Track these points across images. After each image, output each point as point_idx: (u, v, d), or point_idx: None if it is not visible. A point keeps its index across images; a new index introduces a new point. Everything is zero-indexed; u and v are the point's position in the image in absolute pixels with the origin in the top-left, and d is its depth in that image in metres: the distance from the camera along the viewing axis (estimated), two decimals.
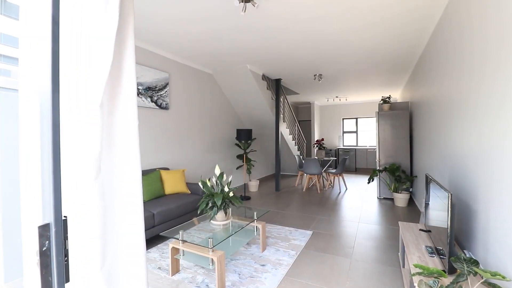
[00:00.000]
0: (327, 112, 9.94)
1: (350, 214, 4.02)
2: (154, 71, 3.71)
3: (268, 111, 5.59)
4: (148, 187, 3.25)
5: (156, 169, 3.62)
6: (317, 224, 3.56)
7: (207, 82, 4.92)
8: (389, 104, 5.11)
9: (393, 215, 3.94)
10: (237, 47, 3.71)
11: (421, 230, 2.32)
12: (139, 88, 3.49)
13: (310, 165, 5.60)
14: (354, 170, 8.91)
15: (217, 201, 2.25)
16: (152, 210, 2.90)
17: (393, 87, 6.75)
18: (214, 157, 5.08)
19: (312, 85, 6.45)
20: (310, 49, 3.81)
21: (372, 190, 5.73)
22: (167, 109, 3.94)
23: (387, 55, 4.12)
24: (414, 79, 4.65)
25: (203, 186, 2.44)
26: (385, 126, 4.92)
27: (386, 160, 4.90)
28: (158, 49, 3.74)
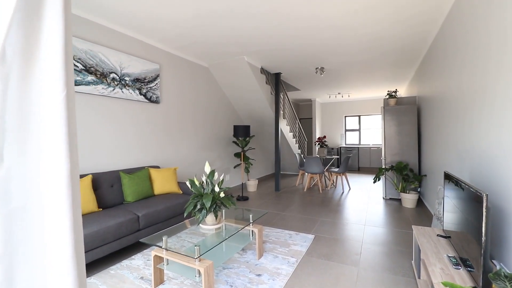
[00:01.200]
0: (328, 109, 9.65)
1: (355, 216, 3.73)
2: (143, 61, 3.43)
3: (267, 107, 5.30)
4: (134, 187, 2.97)
5: (145, 167, 3.34)
6: (319, 227, 3.27)
7: (202, 76, 4.63)
8: (395, 98, 4.82)
9: (401, 217, 3.65)
10: (233, 35, 3.43)
11: (439, 236, 2.03)
12: (126, 79, 3.21)
13: (311, 164, 5.32)
14: (357, 169, 8.61)
15: (206, 203, 1.97)
16: (137, 212, 2.62)
17: (398, 82, 6.45)
18: (209, 155, 4.80)
19: (313, 80, 6.16)
20: (311, 37, 3.52)
21: (377, 190, 5.44)
22: (157, 103, 3.66)
23: (393, 44, 3.82)
24: (422, 72, 4.36)
25: (191, 186, 2.16)
26: (391, 122, 4.63)
27: (392, 158, 4.61)
28: (147, 37, 3.46)
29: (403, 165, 4.27)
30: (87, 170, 2.82)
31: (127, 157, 3.25)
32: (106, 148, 3.02)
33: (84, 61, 2.77)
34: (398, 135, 4.58)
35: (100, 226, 2.25)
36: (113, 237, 2.33)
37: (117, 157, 3.14)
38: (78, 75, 2.72)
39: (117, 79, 3.10)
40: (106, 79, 2.99)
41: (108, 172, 2.94)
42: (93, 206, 2.55)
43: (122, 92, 3.16)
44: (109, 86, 3.02)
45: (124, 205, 2.83)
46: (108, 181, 2.89)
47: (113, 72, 3.06)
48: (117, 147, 3.14)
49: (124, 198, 2.95)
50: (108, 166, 3.04)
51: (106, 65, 2.99)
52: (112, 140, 3.09)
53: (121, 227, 2.40)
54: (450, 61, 2.71)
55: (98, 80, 2.90)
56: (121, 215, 2.47)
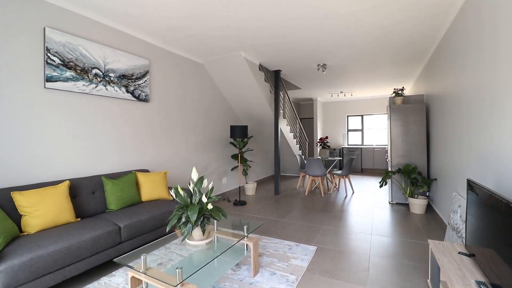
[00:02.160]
0: (330, 109, 9.36)
1: (360, 223, 3.45)
2: (130, 56, 3.16)
3: (266, 106, 5.03)
4: (119, 194, 2.70)
5: (132, 171, 3.07)
6: (321, 236, 3.00)
7: (197, 73, 4.36)
8: (402, 97, 4.53)
9: (410, 225, 3.37)
10: (228, 26, 3.16)
11: (461, 254, 1.76)
12: (111, 76, 2.94)
13: (312, 166, 5.04)
14: (360, 170, 8.33)
15: (191, 216, 1.70)
16: (118, 222, 2.35)
17: (402, 81, 6.17)
18: (205, 157, 4.53)
19: (315, 78, 5.88)
20: (313, 29, 3.24)
21: (382, 194, 5.16)
22: (147, 102, 3.39)
23: (402, 38, 3.54)
24: (432, 68, 4.07)
25: (175, 195, 1.89)
26: (398, 122, 4.35)
27: (399, 160, 4.33)
28: (134, 30, 3.20)
29: (411, 167, 3.99)
30: (64, 175, 2.55)
31: (112, 161, 2.99)
32: (88, 151, 2.75)
33: (62, 55, 2.51)
34: (405, 135, 4.30)
35: (74, 240, 1.98)
36: (89, 252, 2.06)
37: (100, 161, 2.87)
38: (54, 71, 2.45)
39: (101, 75, 2.84)
40: (88, 75, 2.72)
41: (90, 177, 2.67)
42: (70, 216, 2.29)
43: (106, 89, 2.89)
44: (91, 83, 2.75)
45: (106, 214, 2.56)
46: (89, 187, 2.63)
47: (95, 67, 2.79)
48: (101, 150, 2.87)
49: (106, 206, 2.68)
50: (90, 170, 2.77)
51: (88, 60, 2.72)
52: (96, 142, 2.82)
53: (99, 240, 2.13)
54: (467, 55, 2.43)
55: (78, 76, 2.64)
56: (100, 227, 2.20)
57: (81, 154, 2.69)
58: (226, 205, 4.42)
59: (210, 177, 4.65)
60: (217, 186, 4.86)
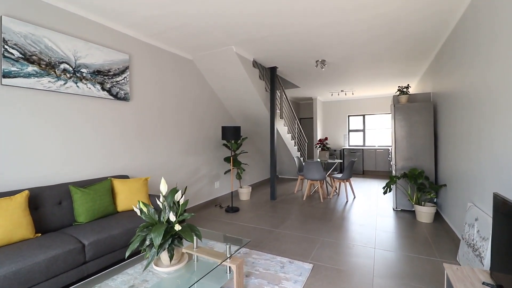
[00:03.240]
0: (331, 108, 9.02)
1: (362, 234, 3.13)
2: (107, 50, 2.85)
3: (261, 105, 4.71)
4: (89, 204, 2.40)
5: (108, 178, 2.77)
6: (319, 251, 2.68)
7: (186, 70, 4.05)
8: (407, 95, 4.20)
9: (417, 236, 3.04)
10: (214, 14, 2.84)
11: (486, 285, 1.43)
12: (83, 72, 2.64)
13: (311, 169, 4.71)
14: (361, 173, 7.99)
15: (155, 239, 1.38)
16: (83, 239, 2.04)
17: (407, 78, 5.83)
18: (195, 160, 4.22)
19: (313, 76, 5.55)
20: (311, 17, 2.92)
21: (386, 199, 4.83)
22: (126, 100, 3.08)
23: (408, 30, 3.22)
24: (440, 63, 3.74)
25: (140, 212, 1.58)
26: (403, 122, 4.02)
27: (404, 164, 4.00)
28: (111, 21, 2.89)
29: (417, 172, 3.66)
30: (25, 184, 2.25)
31: (85, 166, 2.68)
32: (55, 156, 2.44)
33: (23, 47, 2.21)
34: (411, 137, 3.97)
35: (24, 263, 1.67)
36: (44, 276, 1.76)
37: (71, 167, 2.56)
38: (13, 65, 2.15)
39: (70, 71, 2.53)
40: (55, 70, 2.42)
41: (56, 186, 2.37)
42: (27, 232, 1.98)
43: (77, 86, 2.59)
44: (59, 79, 2.45)
45: (72, 227, 2.25)
46: (55, 197, 2.32)
47: (64, 62, 2.48)
48: (71, 155, 2.56)
49: (75, 218, 2.38)
50: (57, 177, 2.47)
51: (55, 53, 2.42)
52: (65, 146, 2.52)
53: (57, 261, 1.82)
54: (483, 49, 2.10)
55: (42, 71, 2.33)
56: (59, 245, 1.89)
57: (46, 159, 2.39)
58: (217, 212, 4.11)
59: (200, 182, 4.34)
60: (209, 190, 4.55)
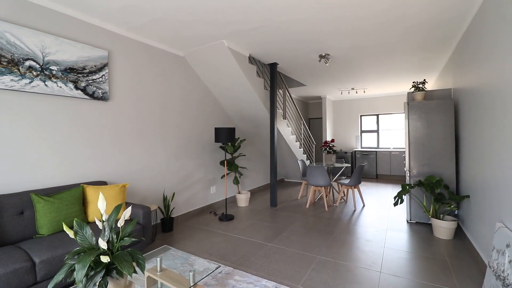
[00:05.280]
0: (342, 107, 8.51)
1: (368, 253, 2.71)
2: (81, 46, 2.63)
3: (260, 105, 4.37)
4: (53, 214, 2.16)
5: (80, 185, 2.54)
6: (313, 273, 2.30)
7: (178, 67, 3.79)
8: (423, 92, 3.71)
9: (434, 257, 2.58)
10: (197, 5, 2.54)
11: None
12: (52, 69, 2.42)
13: (314, 174, 4.31)
14: (374, 177, 7.44)
15: (77, 272, 1.09)
16: (34, 256, 1.80)
17: (425, 73, 5.28)
18: (187, 164, 3.94)
19: (320, 73, 5.14)
20: (305, 1, 2.55)
21: (399, 209, 4.34)
22: (105, 100, 2.85)
23: (421, 16, 2.77)
24: (462, 55, 3.24)
25: (75, 234, 1.29)
26: (419, 123, 3.54)
27: (420, 170, 3.52)
28: (85, 14, 2.66)
29: (435, 180, 3.18)
30: None
31: (54, 172, 2.45)
32: (18, 161, 2.23)
33: None
34: (428, 139, 3.48)
35: None
36: None
37: (38, 173, 2.35)
38: None
39: (37, 69, 2.32)
40: (19, 68, 2.20)
41: (18, 194, 2.15)
42: None
43: (45, 85, 2.37)
44: (23, 78, 2.23)
45: (32, 240, 2.02)
46: (16, 207, 2.10)
47: (30, 58, 2.27)
48: (39, 160, 2.35)
49: (36, 230, 2.15)
50: (21, 185, 2.25)
51: (18, 50, 2.20)
52: (31, 150, 2.30)
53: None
54: None
55: (4, 69, 2.12)
56: (2, 263, 1.65)
57: (7, 165, 2.18)
58: (210, 220, 3.81)
59: (194, 187, 4.06)
60: (204, 196, 4.27)
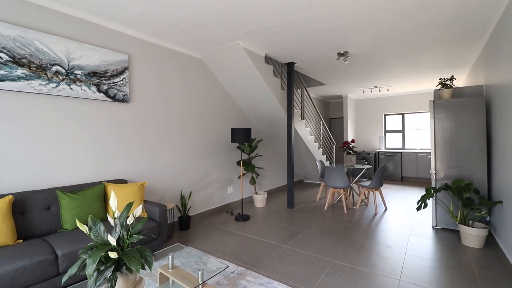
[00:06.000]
0: (364, 107, 8.20)
1: (387, 259, 2.58)
2: (103, 51, 2.77)
3: (277, 105, 4.33)
4: (77, 210, 2.30)
5: (102, 183, 2.67)
6: (327, 278, 2.23)
7: (196, 69, 3.87)
8: (451, 89, 3.47)
9: (461, 267, 2.40)
10: (210, 3, 2.57)
11: None
12: (77, 73, 2.57)
13: (333, 176, 4.19)
14: (399, 179, 7.08)
15: (87, 267, 1.14)
16: (58, 248, 1.92)
17: (454, 69, 4.93)
18: (205, 164, 4.01)
19: (339, 71, 4.99)
20: (324, 4, 2.49)
21: (424, 214, 4.10)
22: (125, 102, 2.98)
23: (450, 9, 2.58)
24: (498, 45, 2.98)
25: (89, 230, 1.36)
26: (446, 122, 3.31)
27: (447, 172, 3.29)
28: (107, 20, 2.79)
29: (463, 183, 2.96)
30: (14, 187, 2.21)
31: (78, 171, 2.61)
32: (47, 160, 2.40)
33: (12, 50, 2.18)
34: (456, 139, 3.24)
35: None
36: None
37: (63, 171, 2.51)
38: (2, 69, 2.13)
39: (63, 73, 2.48)
40: (46, 73, 2.37)
41: (45, 191, 2.31)
42: (5, 238, 1.92)
43: (70, 89, 2.53)
44: (51, 82, 2.40)
45: (56, 234, 2.16)
46: (43, 202, 2.26)
47: (56, 64, 2.43)
48: (64, 158, 2.51)
49: (61, 224, 2.30)
50: (48, 182, 2.42)
51: (46, 56, 2.37)
52: (57, 150, 2.47)
53: (23, 273, 1.71)
54: None
55: (33, 74, 2.29)
56: (30, 255, 1.78)
57: (37, 163, 2.35)
58: (226, 220, 3.85)
59: (211, 186, 4.12)
60: (221, 196, 4.32)
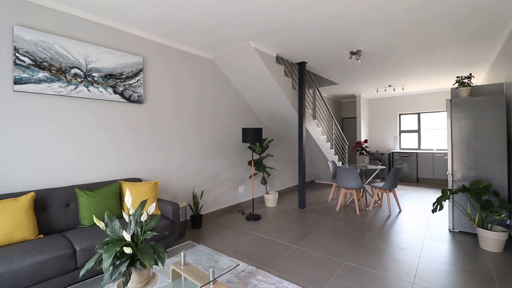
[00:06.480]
0: (378, 106, 8.04)
1: (401, 262, 2.53)
2: (119, 53, 2.86)
3: (288, 105, 4.33)
4: (94, 207, 2.39)
5: (117, 181, 2.76)
6: (338, 279, 2.21)
7: (208, 70, 3.93)
8: (469, 87, 3.35)
9: (478, 272, 2.32)
10: (220, 5, 2.61)
11: None
12: (94, 76, 2.67)
13: (344, 176, 4.14)
14: (415, 180, 6.89)
15: (104, 261, 1.19)
16: (76, 244, 2.01)
17: (473, 67, 4.75)
18: (216, 163, 4.06)
19: (352, 70, 4.92)
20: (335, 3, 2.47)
21: (440, 217, 3.97)
22: (140, 103, 3.06)
23: (467, 3, 2.50)
24: None
25: (105, 226, 1.41)
26: (463, 122, 3.20)
27: (464, 174, 3.18)
28: (122, 23, 2.89)
29: (482, 185, 2.85)
30: (32, 186, 2.33)
31: (96, 169, 2.71)
32: (66, 158, 2.51)
33: (34, 54, 2.30)
34: (474, 139, 3.13)
35: (10, 266, 1.67)
36: (30, 281, 1.74)
37: (81, 170, 2.61)
38: (25, 72, 2.25)
39: (81, 75, 2.58)
40: (65, 75, 2.48)
41: (64, 188, 2.42)
42: (28, 233, 2.02)
43: (88, 90, 2.63)
44: (70, 84, 2.51)
45: (75, 230, 2.26)
46: (62, 199, 2.37)
47: (75, 67, 2.54)
48: (82, 157, 2.61)
49: (79, 220, 2.39)
50: (67, 180, 2.53)
51: (65, 59, 2.48)
52: (76, 149, 2.58)
53: (44, 266, 1.80)
54: None
55: (53, 77, 2.40)
56: (50, 249, 1.87)
57: (57, 162, 2.46)
58: (238, 219, 3.88)
59: (222, 186, 4.17)
60: (232, 195, 4.36)
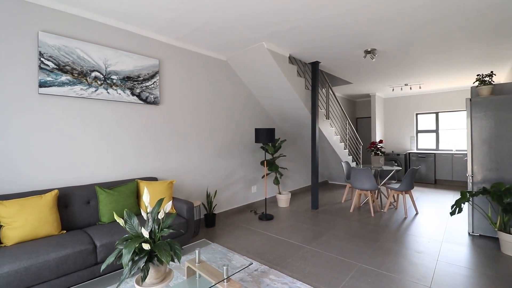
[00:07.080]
0: (394, 105, 7.85)
1: (417, 265, 2.47)
2: (136, 57, 2.96)
3: (301, 105, 4.31)
4: (113, 205, 2.49)
5: (135, 180, 2.85)
6: (352, 281, 2.19)
7: (221, 71, 3.98)
8: (490, 86, 3.22)
9: (498, 277, 2.23)
10: (233, 6, 2.64)
11: None
12: (113, 78, 2.77)
13: (358, 177, 4.08)
14: (432, 182, 6.68)
15: (124, 256, 1.25)
16: (96, 240, 2.10)
17: (494, 64, 4.56)
18: (230, 163, 4.11)
19: (367, 69, 4.84)
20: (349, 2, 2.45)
21: (459, 220, 3.84)
22: (156, 104, 3.15)
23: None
24: None
25: (125, 222, 1.47)
26: (484, 121, 3.09)
27: (485, 175, 3.06)
28: (139, 27, 2.98)
29: (504, 187, 2.74)
30: (59, 183, 2.45)
31: (115, 168, 2.82)
32: (87, 158, 2.62)
33: (57, 59, 2.42)
34: (496, 140, 3.01)
35: (36, 260, 1.77)
36: (54, 274, 1.84)
37: (102, 168, 2.72)
38: (49, 75, 2.37)
39: (101, 78, 2.69)
40: (86, 78, 2.59)
41: (85, 186, 2.53)
42: (52, 229, 2.13)
43: (107, 93, 2.73)
44: (90, 87, 2.62)
45: (95, 227, 2.35)
46: (84, 197, 2.48)
47: (95, 70, 2.65)
48: (103, 157, 2.72)
49: (99, 217, 2.49)
50: (88, 178, 2.64)
51: (86, 63, 2.59)
52: (96, 149, 2.68)
53: (67, 261, 1.89)
54: None
55: (75, 80, 2.52)
56: (72, 244, 1.97)
57: (79, 161, 2.57)
58: (250, 219, 3.91)
59: (235, 186, 4.21)
60: (245, 195, 4.39)
